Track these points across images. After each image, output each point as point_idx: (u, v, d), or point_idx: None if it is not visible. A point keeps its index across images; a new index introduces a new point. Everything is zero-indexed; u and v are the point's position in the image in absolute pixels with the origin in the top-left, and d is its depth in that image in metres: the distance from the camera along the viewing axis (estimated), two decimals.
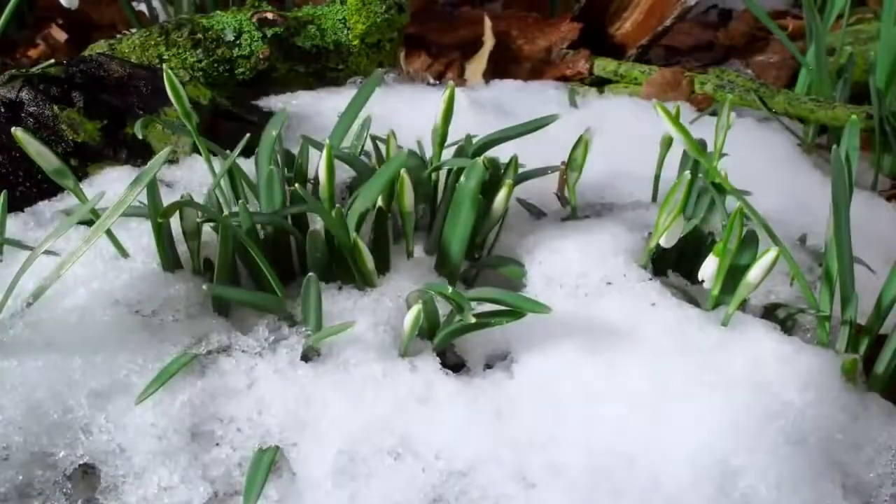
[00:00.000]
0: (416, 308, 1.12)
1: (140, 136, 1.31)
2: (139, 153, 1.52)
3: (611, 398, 1.12)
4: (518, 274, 1.28)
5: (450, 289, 1.12)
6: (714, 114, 1.92)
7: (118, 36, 1.95)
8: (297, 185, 1.24)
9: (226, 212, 1.26)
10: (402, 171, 1.23)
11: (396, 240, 1.35)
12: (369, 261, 1.21)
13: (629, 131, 1.80)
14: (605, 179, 1.57)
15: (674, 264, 1.35)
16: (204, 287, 1.15)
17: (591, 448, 1.07)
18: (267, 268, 1.19)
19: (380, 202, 1.29)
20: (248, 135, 1.29)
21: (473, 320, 1.09)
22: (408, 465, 1.07)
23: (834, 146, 1.18)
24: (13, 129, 1.14)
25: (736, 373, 1.13)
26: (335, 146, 1.38)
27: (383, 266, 1.28)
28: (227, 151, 1.32)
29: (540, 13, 2.49)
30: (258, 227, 1.27)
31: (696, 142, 1.10)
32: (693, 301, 1.27)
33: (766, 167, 1.78)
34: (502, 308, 1.14)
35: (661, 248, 1.25)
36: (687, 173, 1.21)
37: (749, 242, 1.22)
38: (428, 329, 1.19)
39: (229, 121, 1.67)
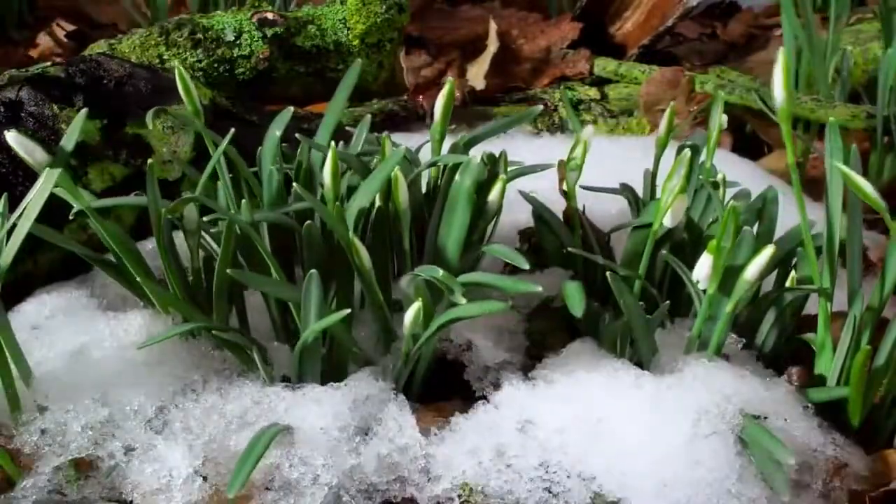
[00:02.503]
0: (416, 306, 1.11)
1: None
2: (139, 153, 1.52)
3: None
4: (512, 257, 1.27)
5: (440, 272, 1.13)
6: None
7: (118, 36, 1.95)
8: (296, 184, 1.24)
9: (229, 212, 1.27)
10: (396, 168, 1.23)
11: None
12: (366, 259, 1.20)
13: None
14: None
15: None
16: (228, 271, 1.16)
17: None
18: (272, 261, 1.19)
19: (379, 202, 1.29)
20: (232, 129, 1.29)
21: (464, 301, 1.10)
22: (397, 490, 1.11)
23: (853, 145, 1.18)
24: (4, 132, 1.14)
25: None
26: (323, 142, 1.39)
27: (383, 266, 1.28)
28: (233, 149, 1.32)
29: (540, 12, 2.49)
30: (261, 231, 1.27)
31: None
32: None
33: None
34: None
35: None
36: (687, 150, 1.20)
37: (743, 241, 1.22)
38: (423, 325, 1.19)
39: (230, 120, 1.67)
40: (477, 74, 2.19)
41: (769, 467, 1.09)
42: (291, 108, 1.42)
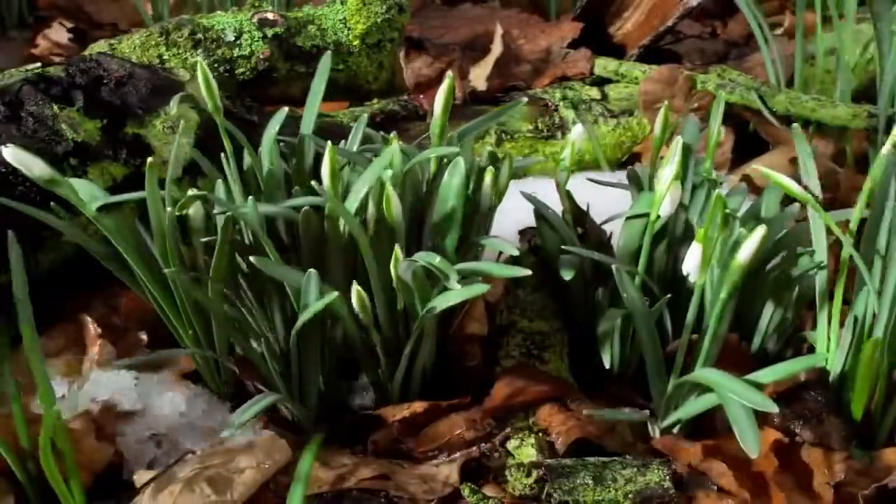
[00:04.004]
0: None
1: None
2: (139, 153, 1.51)
3: None
4: (503, 246, 1.29)
5: (437, 258, 1.15)
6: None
7: (119, 36, 1.95)
8: (314, 182, 1.24)
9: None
10: (388, 185, 1.22)
11: None
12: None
13: None
14: None
15: None
16: (251, 259, 1.17)
17: None
18: (269, 247, 1.20)
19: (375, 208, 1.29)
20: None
21: (459, 287, 1.13)
22: None
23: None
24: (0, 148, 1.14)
25: None
26: (306, 133, 1.40)
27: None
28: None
29: (540, 12, 2.49)
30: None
31: None
32: None
33: None
34: None
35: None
36: (679, 138, 1.20)
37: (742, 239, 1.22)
38: (421, 303, 1.20)
39: (230, 120, 1.66)
40: (479, 76, 2.20)
41: (742, 423, 1.09)
42: (286, 108, 1.42)
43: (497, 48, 2.26)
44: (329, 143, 1.25)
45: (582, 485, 1.15)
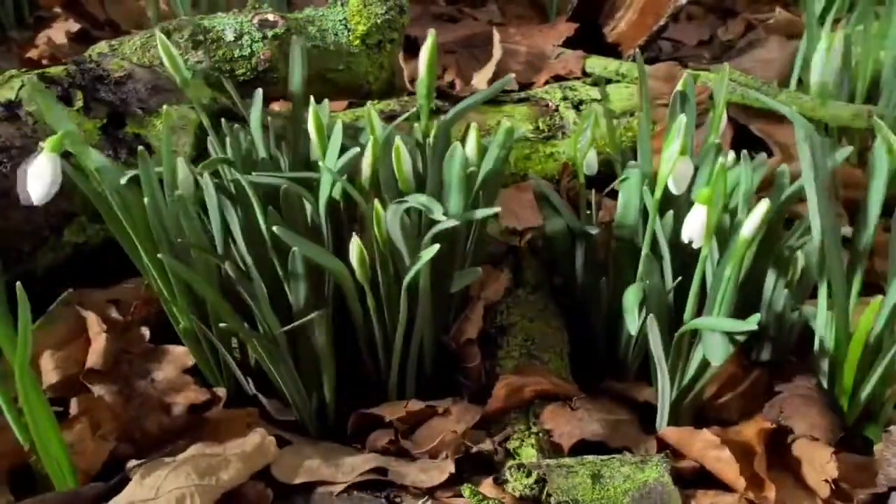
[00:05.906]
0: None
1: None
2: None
3: None
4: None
5: (423, 197, 1.17)
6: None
7: (119, 37, 1.96)
8: (323, 164, 1.26)
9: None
10: (397, 139, 1.23)
11: None
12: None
13: None
14: None
15: None
16: (275, 229, 1.17)
17: None
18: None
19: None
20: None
21: (443, 218, 1.16)
22: None
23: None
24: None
25: None
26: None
27: None
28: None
29: (538, 13, 2.49)
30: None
31: None
32: None
33: None
34: None
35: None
36: (683, 116, 1.19)
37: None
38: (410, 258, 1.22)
39: (230, 119, 1.67)
40: (482, 80, 2.22)
41: (714, 341, 1.12)
42: (260, 90, 1.43)
43: (497, 53, 2.27)
44: (312, 100, 1.34)
45: (581, 484, 1.15)
